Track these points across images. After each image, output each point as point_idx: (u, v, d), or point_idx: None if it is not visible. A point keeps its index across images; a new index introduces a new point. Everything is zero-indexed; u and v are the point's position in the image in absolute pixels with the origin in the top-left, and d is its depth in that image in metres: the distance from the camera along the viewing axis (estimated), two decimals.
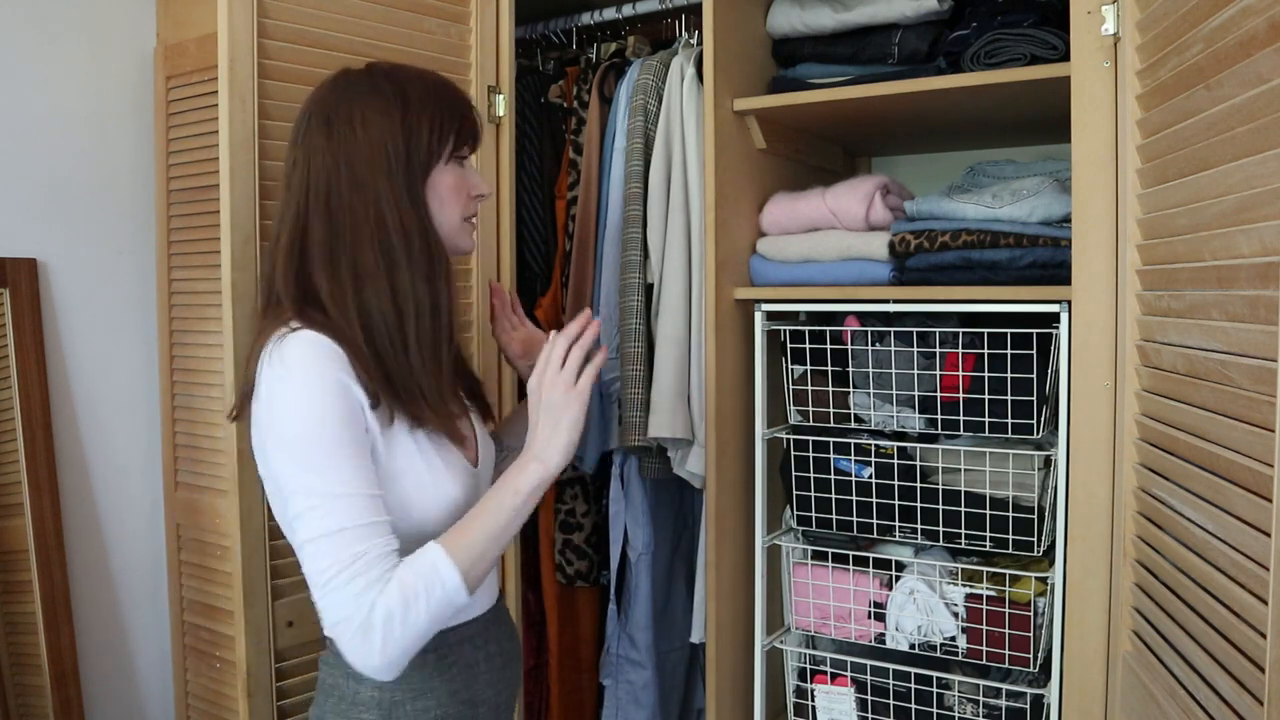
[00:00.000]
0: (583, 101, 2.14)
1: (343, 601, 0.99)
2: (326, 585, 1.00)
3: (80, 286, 1.95)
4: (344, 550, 1.00)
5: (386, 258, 1.11)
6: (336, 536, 1.00)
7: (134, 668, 2.03)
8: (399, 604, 0.99)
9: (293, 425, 1.03)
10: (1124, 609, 1.29)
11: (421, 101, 1.14)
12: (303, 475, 1.02)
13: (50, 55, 1.89)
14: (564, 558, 2.17)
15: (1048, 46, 1.51)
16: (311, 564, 1.01)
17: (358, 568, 1.00)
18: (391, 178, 1.11)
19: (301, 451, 1.02)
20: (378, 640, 0.99)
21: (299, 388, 1.03)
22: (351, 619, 0.99)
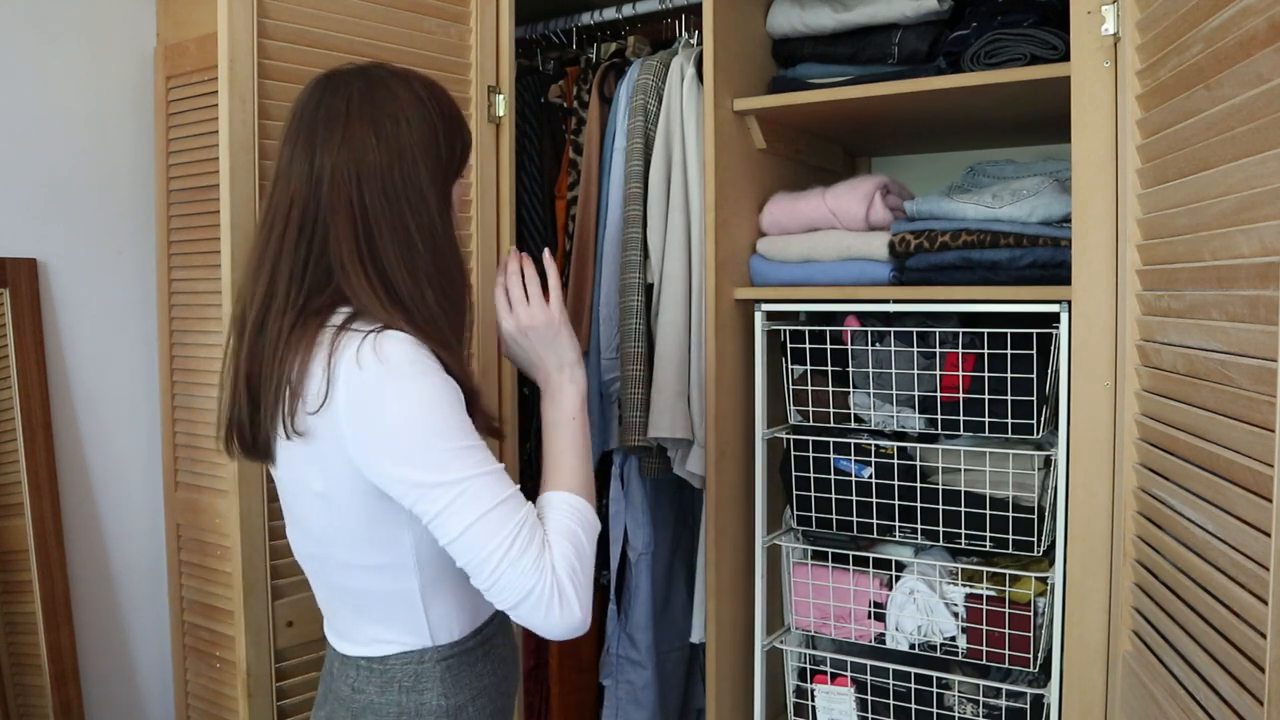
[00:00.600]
0: (583, 101, 2.14)
1: (522, 574, 0.99)
2: (500, 564, 0.99)
3: (80, 286, 1.95)
4: (505, 525, 1.00)
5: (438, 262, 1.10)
6: (493, 514, 1.00)
7: (134, 668, 2.03)
8: (572, 552, 1.03)
9: (415, 420, 1.00)
10: (1124, 609, 1.29)
11: (453, 115, 1.15)
12: (441, 468, 0.99)
13: (50, 55, 1.89)
14: None
15: (1048, 46, 1.51)
16: (476, 550, 0.99)
17: (524, 538, 1.00)
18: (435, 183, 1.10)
19: (434, 444, 1.00)
20: (572, 595, 1.01)
21: (410, 385, 1.00)
22: (538, 588, 0.99)
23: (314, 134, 1.08)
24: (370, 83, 1.10)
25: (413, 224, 1.08)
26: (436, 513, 0.99)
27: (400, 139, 1.08)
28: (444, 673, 1.12)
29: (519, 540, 0.99)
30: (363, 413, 1.00)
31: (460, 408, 1.03)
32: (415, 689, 1.11)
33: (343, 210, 1.05)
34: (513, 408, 1.86)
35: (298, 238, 1.07)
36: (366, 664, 1.13)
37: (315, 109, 1.10)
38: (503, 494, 1.01)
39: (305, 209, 1.07)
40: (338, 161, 1.06)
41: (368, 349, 1.00)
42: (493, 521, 0.99)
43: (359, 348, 1.00)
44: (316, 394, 1.01)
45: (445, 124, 1.12)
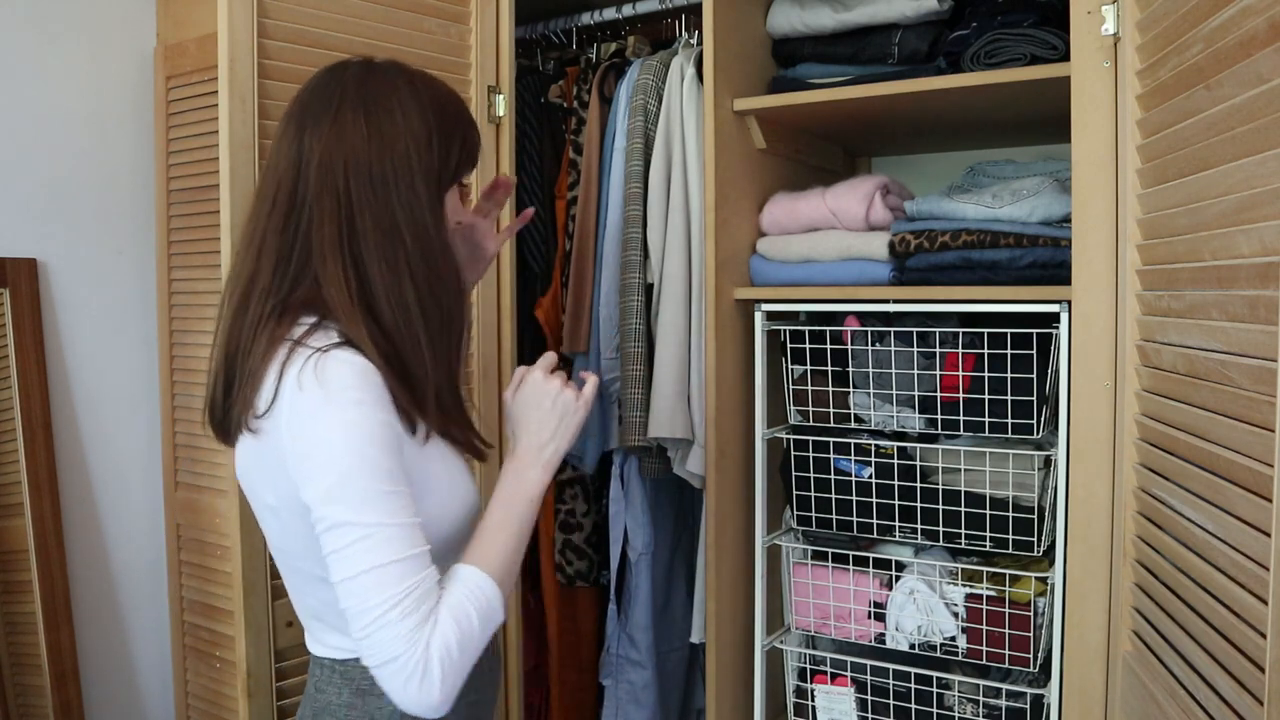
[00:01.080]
0: (583, 101, 2.14)
1: (394, 639, 0.94)
2: (376, 623, 0.94)
3: (80, 286, 1.95)
4: (395, 585, 0.95)
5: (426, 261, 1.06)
6: (389, 569, 0.95)
7: (134, 668, 2.04)
8: (455, 635, 0.97)
9: (337, 455, 0.96)
10: (1124, 609, 1.29)
11: (455, 115, 1.11)
12: (347, 509, 0.96)
13: (50, 55, 1.89)
14: (564, 558, 2.17)
15: (1048, 46, 1.51)
16: (360, 599, 0.95)
17: (408, 604, 0.95)
18: (427, 180, 1.07)
19: (346, 483, 0.96)
20: (437, 677, 0.95)
21: (345, 415, 0.97)
22: (405, 659, 0.94)
23: (305, 118, 1.06)
24: (370, 72, 1.09)
25: (400, 216, 1.05)
26: (336, 549, 0.96)
27: (392, 130, 1.05)
28: None
29: (403, 604, 0.95)
30: (298, 432, 0.98)
31: (393, 449, 0.99)
32: (372, 692, 1.09)
33: (327, 196, 1.03)
34: None
35: (283, 221, 1.05)
36: (329, 664, 1.12)
37: (311, 93, 1.08)
38: (405, 551, 0.96)
39: (293, 192, 1.05)
40: (326, 146, 1.04)
41: (310, 369, 0.98)
42: (385, 576, 0.95)
43: (302, 367, 0.98)
44: (265, 399, 1.01)
45: (443, 127, 1.09)
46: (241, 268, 1.08)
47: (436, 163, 1.08)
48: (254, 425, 1.02)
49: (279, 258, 1.05)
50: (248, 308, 1.05)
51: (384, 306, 1.03)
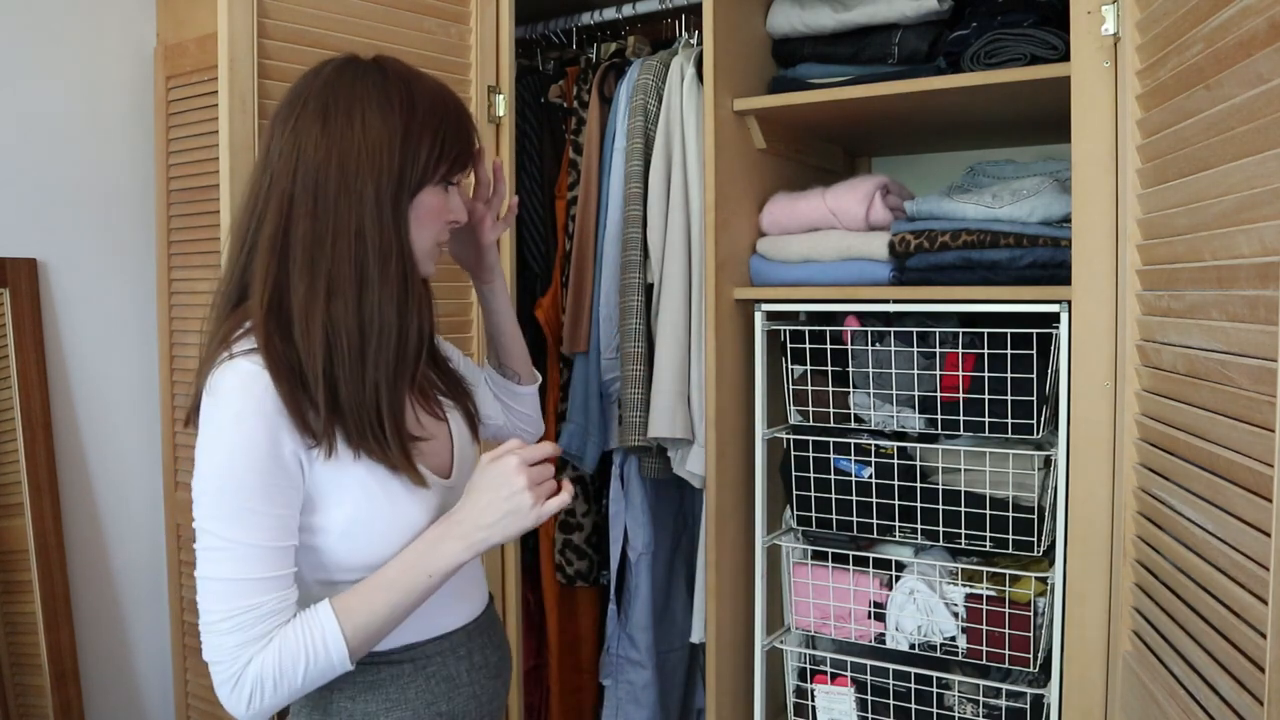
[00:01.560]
0: (583, 101, 2.14)
1: (219, 647, 0.99)
2: (209, 627, 0.99)
3: (80, 286, 1.95)
4: (234, 600, 0.98)
5: (359, 273, 1.03)
6: (231, 584, 0.98)
7: (134, 668, 2.04)
8: (273, 668, 0.98)
9: (212, 463, 0.98)
10: (1124, 609, 1.29)
11: (429, 114, 1.07)
12: (210, 517, 0.98)
13: (50, 55, 1.89)
14: (564, 557, 2.17)
15: (1048, 46, 1.51)
16: (201, 600, 0.99)
17: (242, 621, 0.98)
18: (379, 188, 1.03)
19: (216, 492, 0.98)
20: (245, 695, 0.99)
21: (225, 427, 0.98)
22: (223, 666, 0.99)
23: (276, 118, 1.06)
24: (342, 73, 1.06)
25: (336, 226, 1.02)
26: (199, 549, 0.99)
27: (347, 136, 1.03)
28: (358, 675, 1.08)
29: (237, 619, 0.97)
30: (199, 434, 1.01)
31: (272, 469, 0.98)
32: (336, 687, 1.09)
33: (275, 201, 1.03)
34: None
35: (247, 221, 1.06)
36: None
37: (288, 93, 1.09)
38: (256, 573, 0.98)
39: (255, 194, 1.06)
40: (284, 149, 1.04)
41: (216, 377, 1.00)
42: (229, 590, 0.98)
43: (214, 372, 1.01)
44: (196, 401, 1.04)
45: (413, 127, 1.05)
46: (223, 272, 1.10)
47: (399, 167, 1.04)
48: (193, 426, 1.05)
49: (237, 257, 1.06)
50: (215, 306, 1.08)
51: (295, 317, 1.02)
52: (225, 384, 0.99)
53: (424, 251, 1.10)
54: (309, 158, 1.03)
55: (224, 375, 1.00)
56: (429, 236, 1.10)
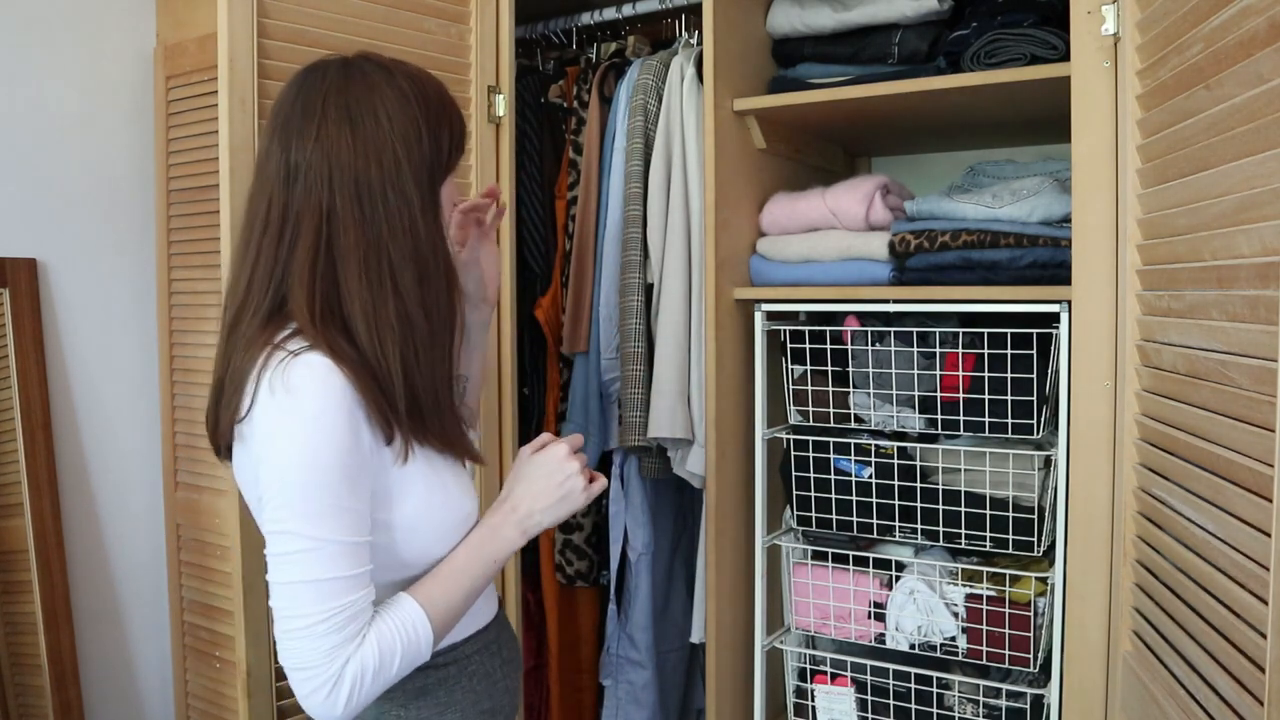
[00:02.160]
0: (583, 101, 2.14)
1: (311, 650, 0.95)
2: (298, 631, 0.96)
3: (80, 286, 1.95)
4: (328, 601, 0.96)
5: (419, 267, 1.03)
6: (324, 585, 0.96)
7: (134, 668, 2.04)
8: (374, 661, 0.97)
9: (293, 464, 0.96)
10: (1124, 609, 1.29)
11: (440, 106, 1.07)
12: (296, 518, 0.96)
13: (50, 55, 1.89)
14: (564, 558, 2.17)
15: (1048, 46, 1.51)
16: (287, 605, 0.96)
17: (337, 621, 0.96)
18: (419, 181, 1.04)
19: (299, 493, 0.96)
20: (344, 694, 0.96)
21: (305, 424, 0.96)
22: (318, 670, 0.95)
23: (289, 129, 1.03)
24: (349, 74, 1.05)
25: (386, 229, 1.02)
26: (274, 553, 0.97)
27: (379, 137, 1.02)
28: (407, 683, 1.09)
29: (332, 620, 0.96)
30: (262, 436, 0.98)
31: (353, 464, 0.98)
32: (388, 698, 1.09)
33: (310, 213, 1.01)
34: (512, 411, 1.86)
35: (277, 238, 1.03)
36: None
37: (293, 102, 1.05)
38: (346, 570, 0.97)
39: (284, 208, 1.03)
40: (311, 161, 1.01)
41: (279, 374, 0.97)
42: (321, 591, 0.96)
43: (274, 370, 0.98)
44: (245, 405, 1.00)
45: (430, 117, 1.06)
46: (236, 285, 1.06)
47: (429, 156, 1.06)
48: (238, 431, 1.02)
49: (270, 276, 1.03)
50: (240, 325, 1.04)
51: (360, 325, 1.01)
52: (299, 379, 0.96)
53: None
54: (344, 164, 1.01)
55: (295, 371, 0.96)
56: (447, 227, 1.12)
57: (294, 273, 1.01)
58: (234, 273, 1.07)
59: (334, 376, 0.97)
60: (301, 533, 0.95)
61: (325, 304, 1.01)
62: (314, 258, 1.01)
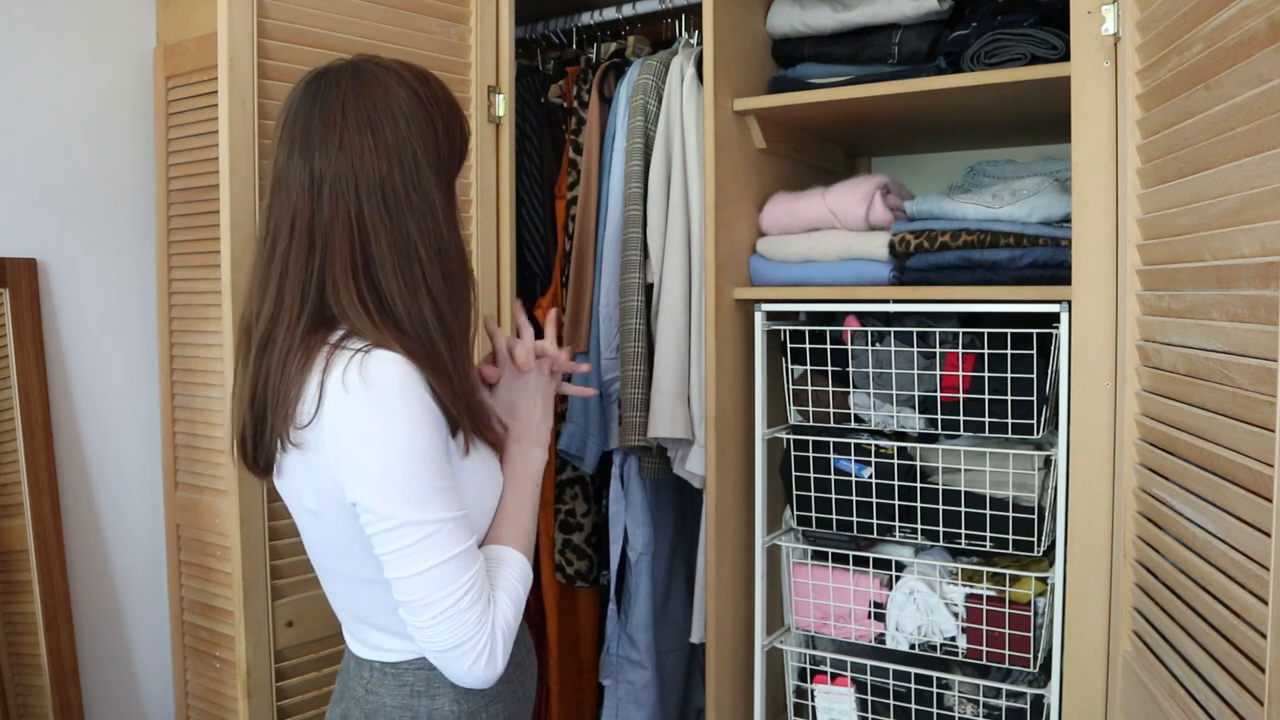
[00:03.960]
0: (583, 101, 2.14)
1: (464, 625, 1.00)
2: (446, 612, 1.00)
3: (80, 286, 1.95)
4: (460, 576, 1.00)
5: (445, 266, 1.06)
6: (452, 563, 1.00)
7: (134, 668, 2.04)
8: (510, 612, 1.05)
9: (395, 456, 0.98)
10: (1124, 609, 1.29)
11: (449, 104, 1.09)
12: (412, 507, 0.99)
13: (50, 55, 1.89)
14: (564, 558, 2.17)
15: (1048, 46, 1.51)
16: (430, 591, 1.00)
17: (475, 591, 1.01)
18: (437, 182, 1.06)
19: (408, 483, 0.99)
20: (500, 652, 1.03)
21: (394, 414, 0.98)
22: (475, 641, 1.01)
23: (310, 139, 1.04)
24: (361, 79, 1.05)
25: (414, 231, 1.04)
26: (398, 549, 0.99)
27: (399, 140, 1.03)
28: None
29: (471, 593, 1.01)
30: (346, 435, 0.98)
31: (440, 442, 1.01)
32: (428, 694, 1.11)
33: (340, 222, 1.02)
34: None
35: (307, 252, 1.03)
36: (380, 667, 1.12)
37: (310, 111, 1.05)
38: (464, 543, 1.01)
39: (310, 221, 1.03)
40: (337, 170, 1.02)
41: (354, 370, 0.98)
42: (452, 569, 1.00)
43: (345, 368, 0.98)
44: (308, 409, 1.00)
45: (443, 115, 1.07)
46: (261, 306, 1.05)
47: (444, 154, 1.08)
48: (296, 439, 1.02)
49: (303, 289, 1.03)
50: (273, 343, 1.04)
51: (406, 324, 1.03)
52: (381, 373, 0.98)
53: None
54: (370, 171, 1.02)
55: (372, 366, 0.98)
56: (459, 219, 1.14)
57: (335, 280, 1.02)
58: (258, 289, 1.07)
59: (410, 369, 1.00)
60: (422, 520, 0.99)
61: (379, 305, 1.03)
62: (353, 264, 1.02)
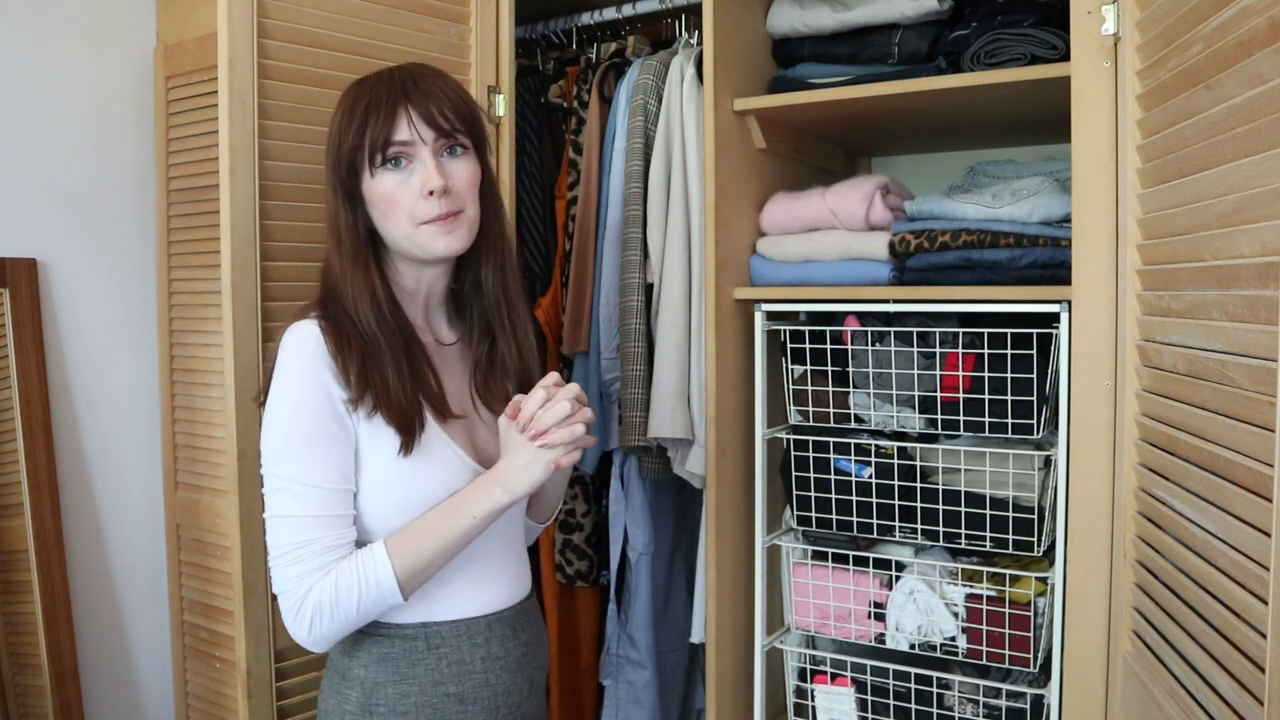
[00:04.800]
0: (583, 101, 2.14)
1: (282, 578, 1.11)
2: (274, 560, 1.11)
3: (80, 286, 1.95)
4: (293, 535, 1.10)
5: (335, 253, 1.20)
6: (290, 521, 1.10)
7: (134, 668, 2.04)
8: (330, 598, 1.10)
9: (277, 411, 1.11)
10: (1124, 609, 1.29)
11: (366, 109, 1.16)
12: (276, 459, 1.11)
13: (50, 55, 1.89)
14: (564, 557, 2.17)
15: (1048, 46, 1.51)
16: (269, 537, 1.12)
17: (300, 554, 1.10)
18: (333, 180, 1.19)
19: (280, 437, 1.11)
20: (306, 622, 1.10)
21: (286, 376, 1.12)
22: (287, 596, 1.11)
23: None
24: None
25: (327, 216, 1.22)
26: (266, 493, 1.13)
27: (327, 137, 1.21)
28: (374, 645, 1.18)
29: (295, 553, 1.10)
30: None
31: (326, 416, 1.11)
32: (350, 653, 1.20)
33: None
34: None
35: None
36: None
37: None
38: (312, 511, 1.10)
39: None
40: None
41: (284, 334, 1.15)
42: (289, 526, 1.10)
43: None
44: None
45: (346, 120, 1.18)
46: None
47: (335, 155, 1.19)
48: None
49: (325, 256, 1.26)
50: None
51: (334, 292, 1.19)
52: (288, 340, 1.14)
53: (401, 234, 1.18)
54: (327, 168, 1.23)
55: (287, 334, 1.14)
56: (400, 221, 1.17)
57: None
58: None
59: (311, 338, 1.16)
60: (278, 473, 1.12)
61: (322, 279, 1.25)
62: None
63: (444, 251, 1.18)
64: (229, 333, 1.50)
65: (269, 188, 1.54)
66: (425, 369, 1.19)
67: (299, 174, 1.58)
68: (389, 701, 1.17)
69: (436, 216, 1.16)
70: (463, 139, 1.18)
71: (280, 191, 1.56)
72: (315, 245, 1.62)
